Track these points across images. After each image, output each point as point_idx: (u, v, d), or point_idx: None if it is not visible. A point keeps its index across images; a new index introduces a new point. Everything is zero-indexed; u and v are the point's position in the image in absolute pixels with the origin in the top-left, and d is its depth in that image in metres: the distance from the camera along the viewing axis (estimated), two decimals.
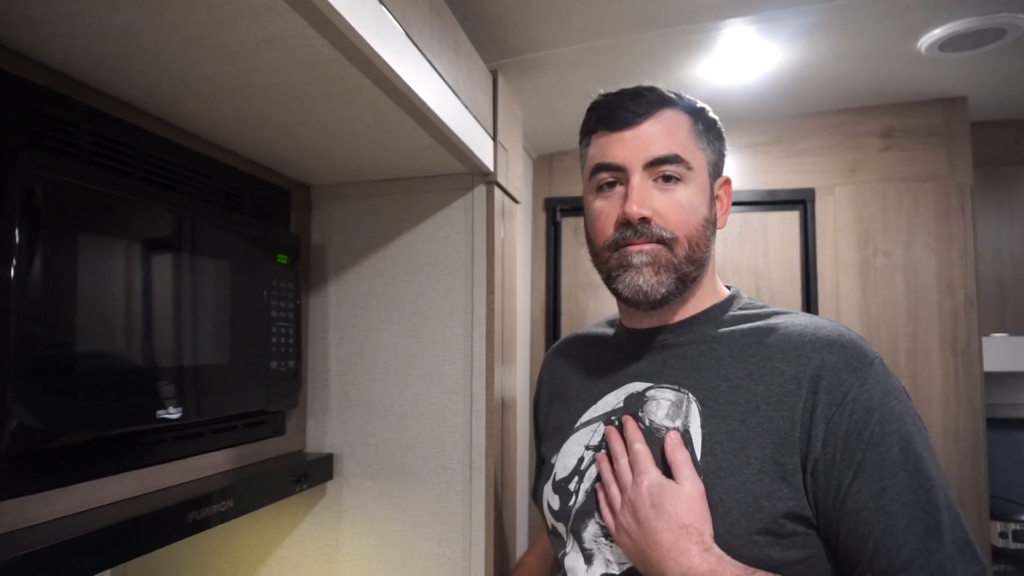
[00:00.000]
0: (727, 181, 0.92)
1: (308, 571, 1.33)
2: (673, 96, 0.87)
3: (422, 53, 0.92)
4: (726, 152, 0.93)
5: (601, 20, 1.37)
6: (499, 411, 1.29)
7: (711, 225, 0.87)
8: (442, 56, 1.01)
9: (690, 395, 0.83)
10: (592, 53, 1.51)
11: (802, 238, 2.02)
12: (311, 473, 1.22)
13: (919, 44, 1.56)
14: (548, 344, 2.25)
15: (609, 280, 0.88)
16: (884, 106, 1.97)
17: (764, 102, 1.93)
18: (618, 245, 0.85)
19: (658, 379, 0.87)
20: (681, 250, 0.83)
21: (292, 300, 1.19)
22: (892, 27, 1.48)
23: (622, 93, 0.88)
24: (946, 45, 1.54)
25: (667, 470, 0.79)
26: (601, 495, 0.85)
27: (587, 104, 0.93)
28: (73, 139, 0.81)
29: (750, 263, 2.06)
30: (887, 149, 1.97)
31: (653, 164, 0.83)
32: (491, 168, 1.27)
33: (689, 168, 0.84)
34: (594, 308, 2.18)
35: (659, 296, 0.84)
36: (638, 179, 0.83)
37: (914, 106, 1.94)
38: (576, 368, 1.02)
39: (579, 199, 0.95)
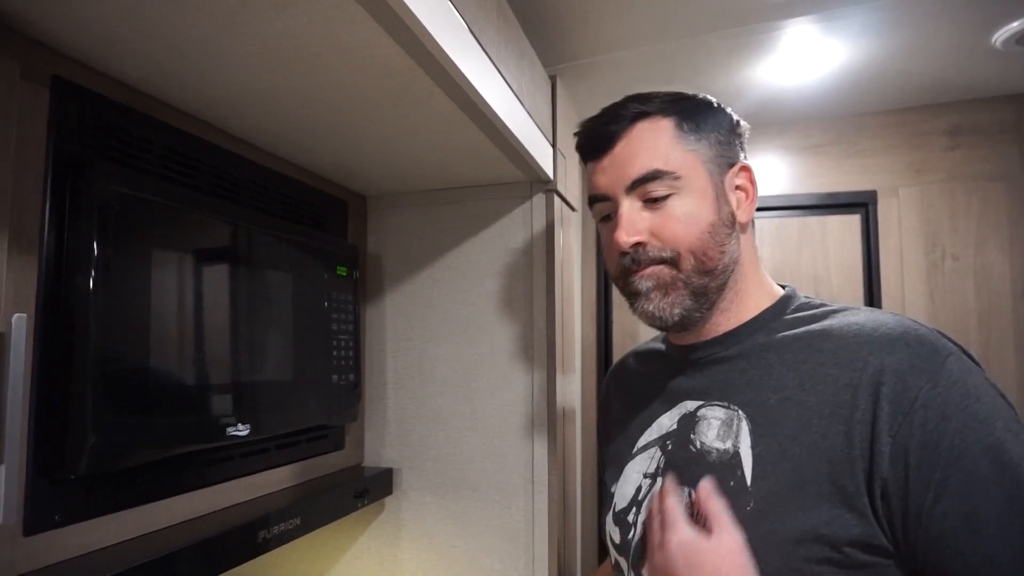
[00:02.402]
0: (744, 168, 0.82)
1: None
2: (649, 104, 0.80)
3: (490, 59, 0.90)
4: (740, 133, 0.84)
5: (662, 22, 1.33)
6: (561, 423, 1.25)
7: (725, 226, 0.78)
8: (508, 61, 0.98)
9: (740, 412, 0.75)
10: (651, 56, 1.47)
11: (864, 242, 1.95)
12: (372, 488, 1.20)
13: (994, 38, 1.48)
14: (600, 354, 2.21)
15: (629, 306, 0.83)
16: (951, 103, 1.89)
17: (823, 102, 1.87)
18: (624, 274, 0.80)
19: (708, 396, 0.80)
20: (687, 264, 0.76)
21: (351, 312, 1.17)
22: (966, 21, 1.42)
23: (599, 116, 0.82)
24: None
25: (741, 486, 0.72)
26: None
27: None
28: (145, 153, 0.80)
29: (809, 268, 1.99)
30: (954, 148, 1.89)
31: (635, 186, 0.77)
32: (551, 176, 1.24)
33: (677, 178, 0.76)
34: None
35: (675, 318, 0.78)
36: (626, 205, 0.78)
37: (984, 102, 1.86)
38: (632, 389, 0.96)
39: None
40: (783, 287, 0.86)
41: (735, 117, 0.84)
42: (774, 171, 2.05)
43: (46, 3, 0.61)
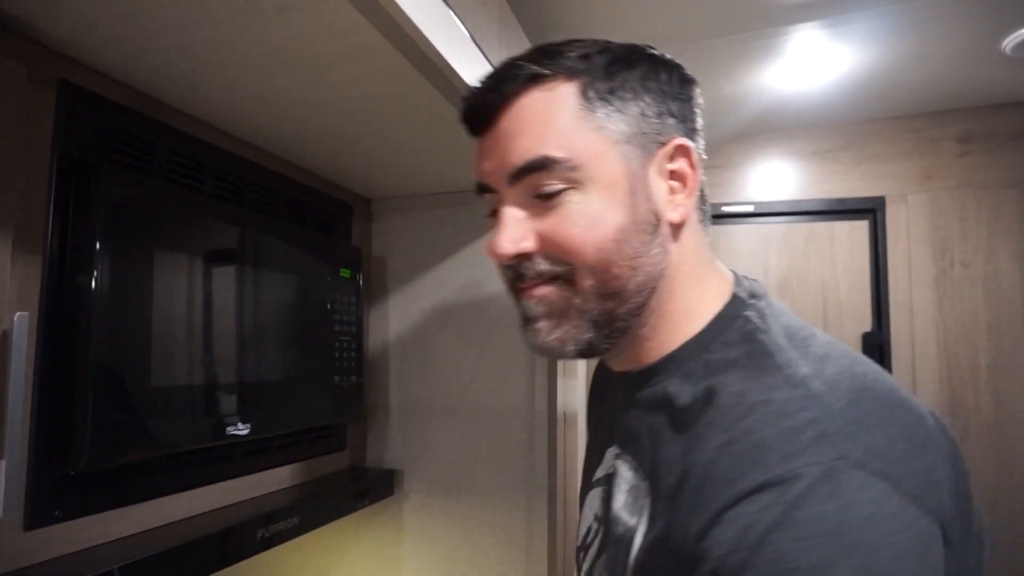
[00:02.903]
0: (680, 148, 0.59)
1: None
2: (548, 63, 0.57)
3: (492, 64, 0.90)
4: (684, 96, 0.61)
5: (667, 28, 1.33)
6: (562, 426, 1.25)
7: (643, 231, 0.57)
8: None
9: (647, 481, 0.57)
10: None
11: (872, 248, 1.94)
12: (373, 489, 1.21)
13: (1004, 44, 1.47)
14: None
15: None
16: (962, 109, 1.87)
17: (832, 108, 1.86)
18: (512, 289, 0.61)
19: (625, 447, 0.64)
20: (585, 284, 0.56)
21: (355, 314, 1.18)
22: (975, 27, 1.41)
23: (486, 77, 0.61)
24: None
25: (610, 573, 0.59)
26: None
27: None
28: (149, 156, 0.82)
29: (816, 275, 1.98)
30: (965, 154, 1.87)
31: (518, 177, 0.56)
32: None
33: (574, 167, 0.55)
34: None
35: (569, 354, 0.59)
36: (509, 203, 0.58)
37: (995, 109, 1.85)
38: (602, 398, 0.79)
39: None
40: (746, 299, 0.61)
41: (677, 74, 0.61)
42: (782, 176, 2.04)
43: (51, 7, 0.62)
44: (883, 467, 0.43)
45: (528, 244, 0.57)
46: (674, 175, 0.59)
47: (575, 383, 1.39)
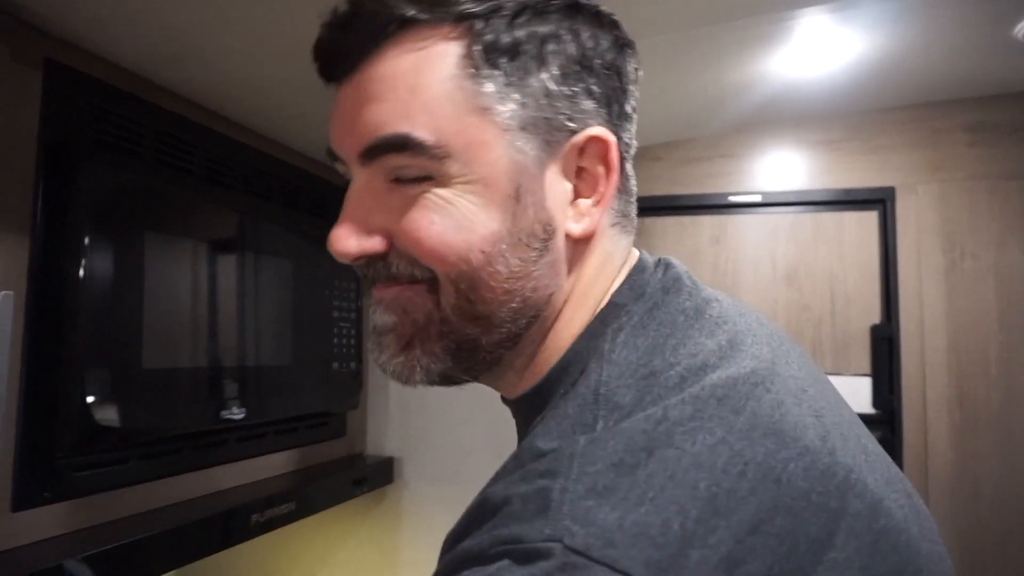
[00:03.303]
0: (592, 142, 0.45)
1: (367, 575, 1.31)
2: (421, 5, 0.41)
3: None
4: (613, 65, 0.46)
5: (671, 13, 1.31)
6: None
7: (525, 246, 0.43)
8: None
9: None
10: (660, 47, 1.45)
11: (881, 240, 1.91)
12: (371, 476, 1.20)
13: (1016, 30, 1.44)
14: None
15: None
16: (973, 99, 1.84)
17: (839, 96, 1.83)
18: (366, 288, 0.48)
19: None
20: (448, 298, 0.44)
21: (353, 300, 1.17)
22: (986, 12, 1.38)
23: (348, 5, 0.44)
24: None
25: None
26: None
27: (649, 102, 0.58)
28: (138, 137, 0.81)
29: (824, 266, 1.96)
30: (975, 145, 1.84)
31: (370, 155, 0.43)
32: None
33: (441, 157, 0.41)
34: None
35: (418, 382, 0.46)
36: (357, 185, 0.45)
37: (1007, 98, 1.81)
38: None
39: (641, 199, 0.53)
40: (622, 296, 0.47)
41: (610, 35, 0.47)
42: (789, 166, 2.01)
43: None
44: (620, 556, 0.30)
45: (375, 244, 0.44)
46: (583, 175, 0.46)
47: None
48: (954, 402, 1.80)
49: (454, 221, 0.42)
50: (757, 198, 2.00)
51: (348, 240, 0.44)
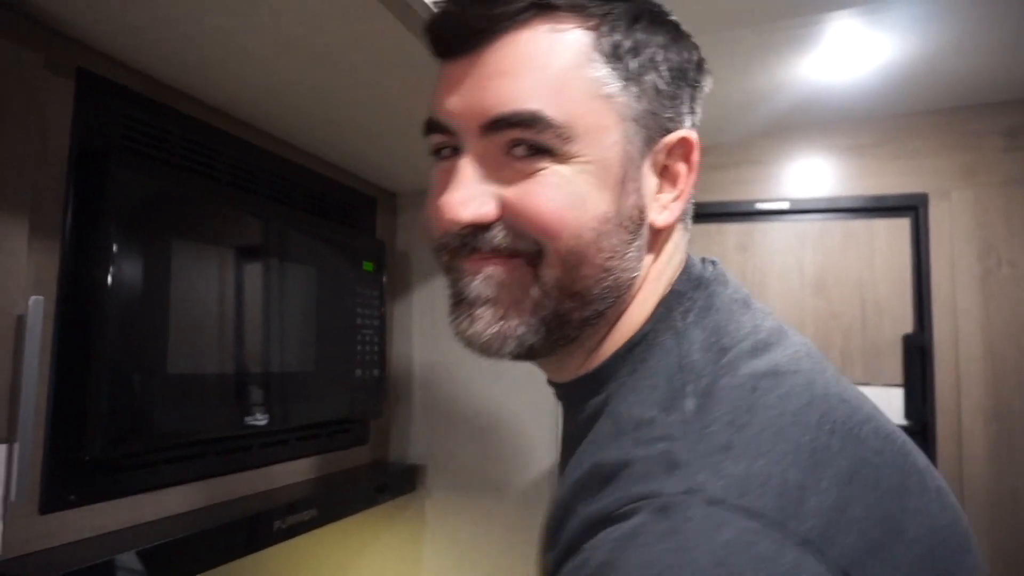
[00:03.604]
0: (682, 143, 0.49)
1: None
2: None
3: None
4: (696, 82, 0.52)
5: (696, 17, 1.29)
6: None
7: (623, 228, 0.47)
8: None
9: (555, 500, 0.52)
10: None
11: (913, 247, 1.87)
12: (394, 484, 1.20)
13: None
14: None
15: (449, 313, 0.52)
16: (1010, 102, 1.80)
17: (870, 100, 1.80)
18: (450, 254, 0.49)
19: (561, 467, 0.56)
20: (552, 271, 0.46)
21: (377, 308, 1.17)
22: (1021, 13, 1.34)
23: None
24: None
25: None
26: None
27: None
28: (165, 144, 0.82)
29: (854, 274, 1.92)
30: (1013, 149, 1.79)
31: (493, 128, 0.45)
32: None
33: (567, 138, 0.44)
34: None
35: (505, 353, 0.48)
36: (472, 156, 0.46)
37: None
38: None
39: None
40: (683, 284, 0.52)
41: (697, 54, 0.52)
42: (818, 172, 1.98)
43: None
44: (754, 502, 0.34)
45: (489, 211, 0.45)
46: (667, 172, 0.50)
47: None
48: (990, 413, 1.75)
49: (571, 198, 0.45)
50: (785, 205, 1.97)
51: (462, 207, 0.45)
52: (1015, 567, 1.63)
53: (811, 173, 1.99)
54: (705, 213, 2.03)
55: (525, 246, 0.46)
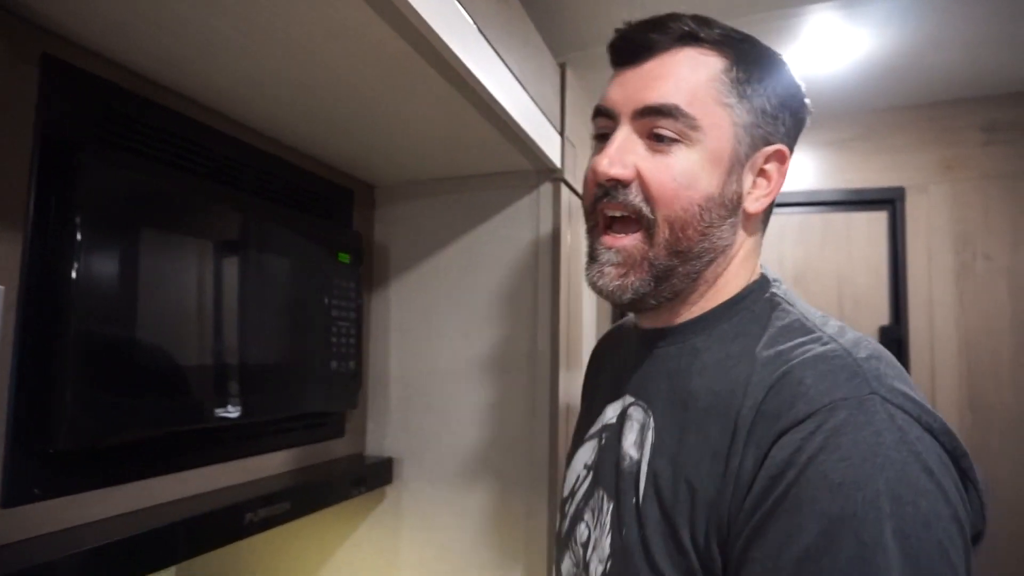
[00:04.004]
0: (778, 153, 0.67)
1: None
2: (705, 29, 0.66)
3: (490, 44, 0.88)
4: (798, 116, 0.70)
5: (677, 8, 1.30)
6: (564, 418, 1.23)
7: (723, 207, 0.65)
8: (510, 47, 0.96)
9: (652, 419, 0.67)
10: None
11: (891, 240, 1.89)
12: (370, 477, 1.19)
13: None
14: None
15: (585, 266, 0.72)
16: (986, 97, 1.81)
17: (849, 95, 1.81)
18: (596, 215, 0.69)
19: (638, 393, 0.71)
20: (661, 236, 0.64)
21: (353, 300, 1.17)
22: (998, 10, 1.36)
23: (644, 21, 0.68)
24: None
25: (619, 506, 0.65)
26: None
27: None
28: (138, 135, 0.80)
29: (832, 267, 1.93)
30: (989, 144, 1.81)
31: (643, 114, 0.64)
32: (558, 164, 1.22)
33: (695, 127, 0.63)
34: None
35: (626, 300, 0.67)
36: (624, 132, 0.66)
37: (1020, 96, 1.78)
38: (605, 366, 0.87)
39: None
40: (771, 280, 0.71)
41: (802, 96, 0.70)
42: (797, 166, 1.99)
43: None
44: (903, 403, 0.51)
45: (627, 172, 0.64)
46: (763, 173, 0.67)
47: (577, 375, 1.36)
48: (965, 404, 1.77)
49: (687, 176, 0.63)
50: None
51: (610, 165, 0.64)
52: (990, 556, 1.66)
53: (792, 166, 2.00)
54: None
55: (647, 210, 0.64)
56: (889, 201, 1.89)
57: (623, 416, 0.72)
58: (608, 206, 0.66)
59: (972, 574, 0.48)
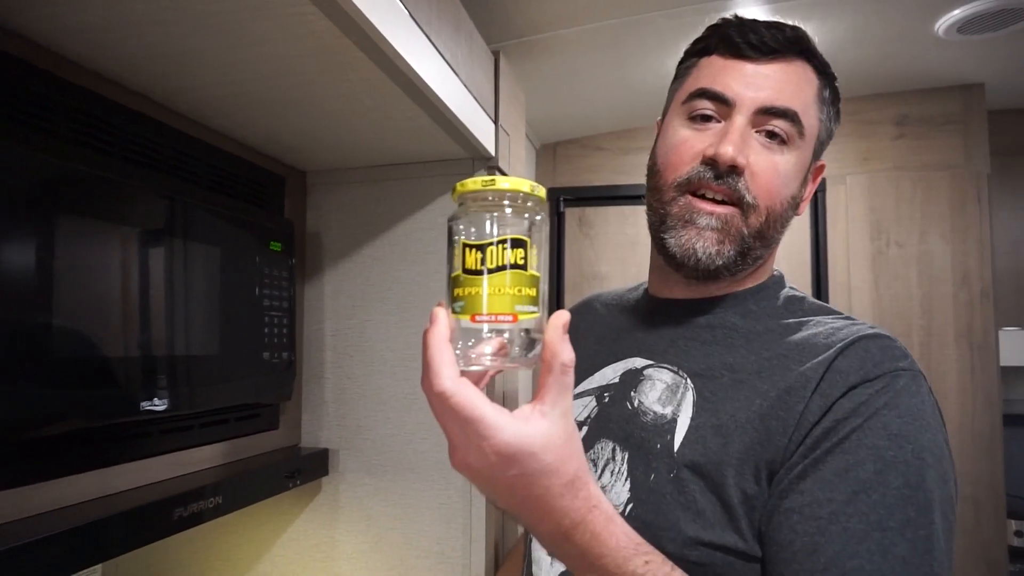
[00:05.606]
0: (821, 167, 0.78)
1: (304, 569, 1.29)
2: (813, 47, 0.74)
3: (420, 27, 0.88)
4: (831, 138, 0.80)
5: (607, 1, 1.32)
6: (500, 404, 1.24)
7: (794, 207, 0.75)
8: (441, 32, 0.96)
9: (688, 381, 0.72)
10: (598, 34, 1.46)
11: (812, 228, 1.97)
12: (305, 468, 1.18)
13: (937, 26, 1.50)
14: None
15: (661, 228, 0.74)
16: (899, 93, 1.91)
17: None
18: (689, 188, 0.72)
19: (661, 358, 0.77)
20: (756, 221, 0.71)
21: (286, 289, 1.14)
22: (909, 7, 1.43)
23: (766, 21, 0.73)
24: (965, 27, 1.49)
25: (639, 454, 0.71)
26: None
27: (591, 91, 0.85)
28: (51, 115, 0.77)
29: None
30: (901, 137, 1.92)
31: (767, 113, 0.70)
32: (492, 152, 1.22)
33: (801, 134, 0.71)
34: None
35: (713, 267, 0.71)
36: (741, 121, 0.70)
37: (930, 93, 1.89)
38: (588, 334, 0.90)
39: (583, 188, 0.79)
40: (775, 272, 0.82)
41: (840, 120, 0.80)
42: None
43: None
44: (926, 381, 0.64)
45: (743, 161, 0.69)
46: (805, 182, 0.76)
47: None
48: None
49: (788, 176, 0.72)
50: None
51: (733, 152, 0.68)
52: None
53: None
54: (621, 196, 2.08)
55: (748, 199, 0.70)
56: None
57: (634, 376, 0.78)
58: (713, 187, 0.70)
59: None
